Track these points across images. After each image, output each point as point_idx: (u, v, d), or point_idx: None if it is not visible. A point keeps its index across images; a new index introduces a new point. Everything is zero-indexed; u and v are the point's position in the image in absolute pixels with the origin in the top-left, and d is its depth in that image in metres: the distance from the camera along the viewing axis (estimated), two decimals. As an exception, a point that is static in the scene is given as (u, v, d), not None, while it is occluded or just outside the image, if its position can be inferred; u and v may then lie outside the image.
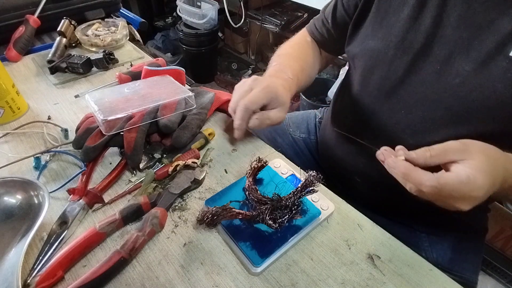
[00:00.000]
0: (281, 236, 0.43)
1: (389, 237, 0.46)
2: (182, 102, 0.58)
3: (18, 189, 0.45)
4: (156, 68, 0.68)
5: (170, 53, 2.37)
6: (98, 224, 0.43)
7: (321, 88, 1.92)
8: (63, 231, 0.44)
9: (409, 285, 0.41)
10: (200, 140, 0.58)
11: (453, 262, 0.57)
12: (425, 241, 0.60)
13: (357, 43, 0.58)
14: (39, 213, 0.42)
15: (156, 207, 0.46)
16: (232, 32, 2.29)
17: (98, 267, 0.39)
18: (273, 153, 0.58)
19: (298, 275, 0.41)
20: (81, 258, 0.42)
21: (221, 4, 2.00)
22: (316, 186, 0.44)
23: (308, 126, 0.82)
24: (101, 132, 0.52)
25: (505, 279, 1.17)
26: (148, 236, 0.43)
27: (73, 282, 0.38)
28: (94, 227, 0.43)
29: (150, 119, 0.54)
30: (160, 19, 2.45)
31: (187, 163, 0.52)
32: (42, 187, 0.45)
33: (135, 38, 1.06)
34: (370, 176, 0.60)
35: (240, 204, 0.46)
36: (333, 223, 0.48)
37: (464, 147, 0.36)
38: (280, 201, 0.43)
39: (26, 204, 0.45)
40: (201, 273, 0.41)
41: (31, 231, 0.41)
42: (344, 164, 0.65)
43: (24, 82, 0.74)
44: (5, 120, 0.63)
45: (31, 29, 0.84)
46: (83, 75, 0.77)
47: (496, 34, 0.42)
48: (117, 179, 0.53)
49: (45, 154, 0.55)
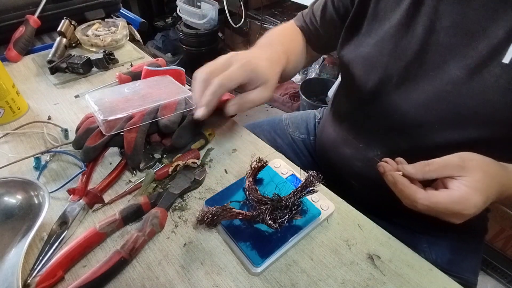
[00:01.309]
0: (281, 236, 0.43)
1: (389, 237, 0.46)
2: (182, 102, 0.58)
3: (18, 189, 0.45)
4: (156, 68, 0.68)
5: (170, 53, 2.37)
6: (98, 224, 0.43)
7: (321, 88, 1.92)
8: (63, 231, 0.44)
9: (409, 285, 0.41)
10: (200, 140, 0.58)
11: (452, 262, 0.57)
12: (424, 242, 0.60)
13: (351, 49, 0.57)
14: (39, 213, 0.42)
15: (156, 207, 0.46)
16: (232, 32, 2.29)
17: (98, 267, 0.39)
18: (273, 153, 0.58)
19: (298, 275, 0.41)
20: (81, 258, 0.42)
21: (221, 4, 2.00)
22: (316, 186, 0.44)
23: (308, 126, 0.82)
24: (101, 132, 0.52)
25: (505, 279, 1.17)
26: (148, 236, 0.43)
27: (73, 282, 0.38)
28: (94, 227, 0.43)
29: (150, 119, 0.54)
30: (160, 19, 2.45)
31: (187, 163, 0.52)
32: (42, 187, 0.45)
33: (135, 38, 1.06)
34: (365, 180, 0.60)
35: (240, 204, 0.46)
36: (333, 223, 0.48)
37: (463, 164, 0.37)
38: (280, 201, 0.43)
39: (26, 204, 0.44)
40: (201, 273, 0.41)
41: (31, 231, 0.41)
42: (340, 167, 0.65)
43: (24, 82, 0.74)
44: (5, 120, 0.63)
45: (31, 29, 0.84)
46: (83, 75, 0.77)
47: (489, 41, 0.41)
48: (117, 179, 0.53)
49: (45, 154, 0.55)
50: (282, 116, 0.86)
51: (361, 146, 0.58)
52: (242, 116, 1.96)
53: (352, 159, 0.61)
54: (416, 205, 0.38)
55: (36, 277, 0.38)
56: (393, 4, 0.50)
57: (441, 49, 0.46)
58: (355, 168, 0.61)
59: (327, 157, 0.69)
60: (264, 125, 0.83)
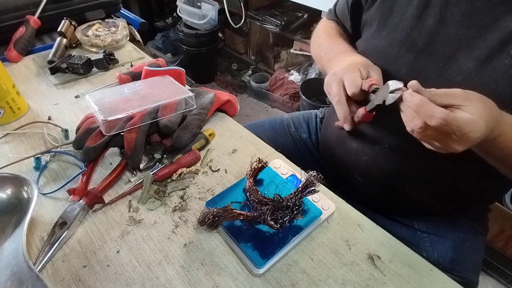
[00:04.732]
0: (282, 236, 0.43)
1: (390, 237, 0.46)
2: (182, 103, 0.58)
3: (8, 185, 0.46)
4: (156, 68, 0.68)
5: (170, 54, 2.37)
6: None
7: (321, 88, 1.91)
8: (63, 231, 0.44)
9: (409, 285, 0.41)
10: (201, 141, 0.58)
11: (454, 262, 0.57)
12: (426, 241, 0.60)
13: (362, 41, 0.59)
14: (28, 205, 0.43)
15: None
16: (232, 32, 2.29)
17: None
18: (273, 154, 0.58)
19: (298, 276, 0.41)
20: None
21: (221, 5, 2.00)
22: (317, 186, 0.44)
23: (309, 126, 0.82)
24: (101, 133, 0.52)
25: (506, 279, 1.17)
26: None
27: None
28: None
29: (150, 120, 0.54)
30: (160, 20, 2.45)
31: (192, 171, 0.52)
32: (29, 180, 0.45)
33: (135, 39, 1.06)
34: (371, 175, 0.60)
35: (241, 205, 0.46)
36: (333, 223, 0.48)
37: (467, 95, 0.38)
38: (281, 202, 0.43)
39: (15, 198, 0.45)
40: (201, 273, 0.41)
41: (24, 222, 0.41)
42: (345, 163, 0.65)
43: (25, 83, 0.74)
44: (5, 121, 0.63)
45: (32, 29, 0.84)
46: (84, 75, 0.77)
47: (500, 32, 0.42)
48: (117, 179, 0.53)
49: (46, 155, 0.55)
50: (283, 116, 0.86)
51: (368, 139, 0.58)
52: (242, 116, 1.96)
53: (359, 153, 0.61)
54: (431, 121, 0.37)
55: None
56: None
57: (451, 41, 0.46)
58: (361, 162, 0.61)
59: (331, 153, 0.69)
60: (265, 125, 0.84)
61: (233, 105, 0.68)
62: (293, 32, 1.91)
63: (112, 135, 0.51)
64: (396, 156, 0.55)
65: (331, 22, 0.72)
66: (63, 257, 0.43)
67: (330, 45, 0.64)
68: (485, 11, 0.43)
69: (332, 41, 0.65)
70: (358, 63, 0.51)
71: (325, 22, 0.73)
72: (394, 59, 0.51)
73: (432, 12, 0.47)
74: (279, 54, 2.17)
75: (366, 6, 0.57)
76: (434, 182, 0.55)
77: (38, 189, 0.45)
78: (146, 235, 0.45)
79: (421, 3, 0.48)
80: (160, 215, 0.48)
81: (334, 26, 0.70)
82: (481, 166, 0.48)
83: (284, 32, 1.90)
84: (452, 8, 0.46)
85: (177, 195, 0.51)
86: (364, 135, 0.59)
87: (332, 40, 0.65)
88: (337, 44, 0.62)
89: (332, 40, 0.65)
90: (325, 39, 0.67)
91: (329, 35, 0.68)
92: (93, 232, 0.46)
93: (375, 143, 0.57)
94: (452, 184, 0.54)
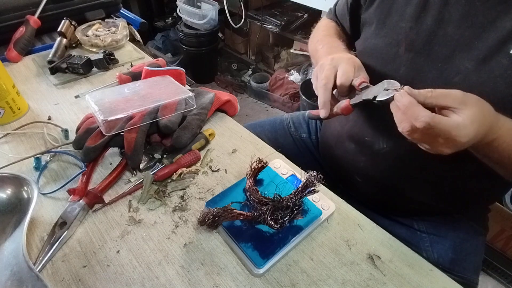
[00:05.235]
0: (282, 236, 0.43)
1: (390, 237, 0.46)
2: (182, 103, 0.58)
3: (8, 185, 0.46)
4: (156, 68, 0.68)
5: (170, 54, 2.37)
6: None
7: (321, 88, 1.91)
8: (63, 231, 0.44)
9: (409, 285, 0.41)
10: (201, 141, 0.58)
11: (454, 262, 0.57)
12: (426, 241, 0.60)
13: (361, 41, 0.59)
14: (28, 205, 0.43)
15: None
16: (232, 32, 2.29)
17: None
18: (273, 154, 0.58)
19: (298, 276, 0.41)
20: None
21: (221, 5, 2.00)
22: (317, 186, 0.44)
23: (309, 126, 0.83)
24: (101, 133, 0.52)
25: (506, 279, 1.17)
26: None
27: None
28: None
29: (150, 120, 0.54)
30: (160, 20, 2.45)
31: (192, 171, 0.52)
32: (29, 180, 0.45)
33: (135, 39, 1.06)
34: (370, 175, 0.60)
35: (241, 205, 0.46)
36: (333, 223, 0.48)
37: (464, 98, 0.38)
38: (281, 202, 0.43)
39: (16, 198, 0.45)
40: (201, 273, 0.41)
41: (24, 222, 0.41)
42: (345, 163, 0.65)
43: (25, 83, 0.74)
44: (5, 121, 0.63)
45: (32, 29, 0.84)
46: (84, 75, 0.77)
47: (498, 32, 0.42)
48: (118, 179, 0.53)
49: (46, 155, 0.55)
50: (283, 116, 0.86)
51: (367, 140, 0.58)
52: (242, 116, 1.96)
53: (357, 153, 0.61)
54: (416, 123, 0.37)
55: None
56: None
57: (449, 41, 0.46)
58: (360, 163, 0.61)
59: (330, 153, 0.69)
60: (265, 125, 0.84)
61: (233, 105, 0.68)
62: (293, 32, 1.91)
63: (112, 135, 0.51)
64: (395, 156, 0.55)
65: (331, 21, 0.72)
66: (63, 257, 0.43)
67: (328, 42, 0.64)
68: (484, 11, 0.43)
69: (331, 40, 0.65)
70: (355, 60, 0.51)
71: (325, 21, 0.73)
72: (393, 59, 0.51)
73: (431, 12, 0.47)
74: (279, 54, 2.17)
75: (365, 5, 0.57)
76: (434, 182, 0.55)
77: (38, 189, 0.45)
78: (146, 235, 0.45)
79: (419, 3, 0.48)
80: (160, 215, 0.48)
81: (334, 26, 0.70)
82: (481, 167, 0.48)
83: (284, 32, 1.90)
84: (450, 8, 0.46)
85: (177, 195, 0.51)
86: (363, 136, 0.59)
87: (331, 39, 0.65)
88: (336, 43, 0.63)
89: (331, 38, 0.66)
90: (324, 36, 0.67)
91: (329, 33, 0.68)
92: (93, 232, 0.46)
93: (373, 144, 0.57)
94: (452, 184, 0.55)
